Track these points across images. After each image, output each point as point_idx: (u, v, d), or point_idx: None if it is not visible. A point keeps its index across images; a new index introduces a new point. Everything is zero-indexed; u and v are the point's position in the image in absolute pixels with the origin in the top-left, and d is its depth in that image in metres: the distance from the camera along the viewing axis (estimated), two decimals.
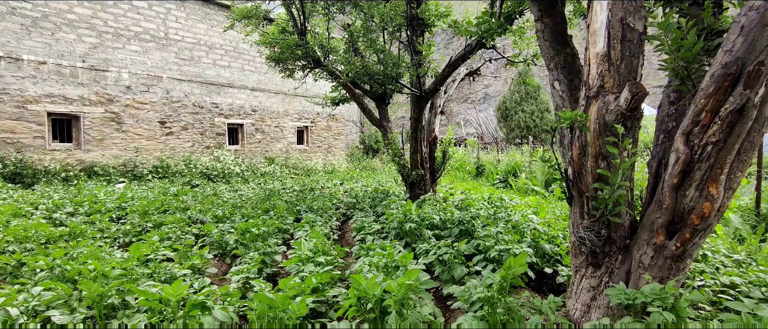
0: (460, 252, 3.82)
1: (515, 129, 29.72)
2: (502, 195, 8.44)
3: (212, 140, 16.55)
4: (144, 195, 8.93)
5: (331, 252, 4.07)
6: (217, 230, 5.25)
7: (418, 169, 8.29)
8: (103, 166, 13.15)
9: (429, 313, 2.25)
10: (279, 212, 6.54)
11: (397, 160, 8.38)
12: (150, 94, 14.70)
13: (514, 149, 19.49)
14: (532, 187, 11.63)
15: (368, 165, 22.14)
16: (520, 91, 30.33)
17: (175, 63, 15.43)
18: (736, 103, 2.34)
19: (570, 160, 3.28)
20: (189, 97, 15.79)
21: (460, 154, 18.92)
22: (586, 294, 3.31)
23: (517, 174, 13.46)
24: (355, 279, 2.24)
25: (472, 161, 17.12)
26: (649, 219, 2.90)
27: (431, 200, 6.83)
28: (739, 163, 2.58)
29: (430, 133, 8.56)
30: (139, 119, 14.42)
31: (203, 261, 4.05)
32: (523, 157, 14.79)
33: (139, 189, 10.45)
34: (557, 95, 3.61)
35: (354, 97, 9.09)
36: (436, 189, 8.84)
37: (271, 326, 2.33)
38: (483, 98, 45.17)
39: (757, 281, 3.34)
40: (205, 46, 16.41)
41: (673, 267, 2.80)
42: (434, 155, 8.60)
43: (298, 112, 20.21)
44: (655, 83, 30.45)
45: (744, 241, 5.35)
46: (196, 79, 16.06)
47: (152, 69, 14.80)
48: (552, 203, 8.77)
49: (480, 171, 16.01)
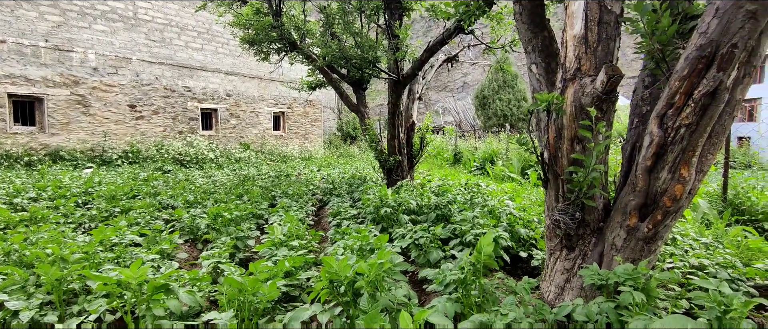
0: (436, 236, 3.80)
1: (493, 117, 30.01)
2: (479, 181, 8.49)
3: (185, 125, 16.12)
4: (112, 181, 8.62)
5: (306, 237, 4.00)
6: (188, 215, 5.09)
7: (396, 155, 8.25)
8: (70, 151, 12.66)
9: (403, 295, 2.21)
10: (253, 197, 6.40)
11: (374, 145, 8.31)
12: (118, 77, 14.16)
13: (492, 137, 19.67)
14: (509, 174, 11.76)
15: (346, 152, 22.02)
16: (498, 80, 30.58)
17: (145, 44, 14.87)
18: (710, 85, 2.35)
19: (546, 143, 3.27)
20: (160, 80, 15.28)
21: (438, 141, 18.97)
22: (560, 276, 3.34)
23: (494, 162, 13.58)
24: (326, 261, 2.17)
25: (450, 148, 17.19)
26: (622, 202, 2.93)
27: (408, 186, 6.80)
28: (711, 146, 2.62)
29: (408, 118, 8.51)
30: (107, 102, 13.89)
31: (173, 246, 3.91)
32: (500, 145, 14.92)
33: (107, 175, 10.09)
34: (534, 78, 3.59)
35: (331, 81, 8.94)
36: (413, 175, 8.82)
37: (241, 309, 2.26)
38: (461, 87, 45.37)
39: (724, 262, 3.44)
40: (177, 27, 15.87)
41: (644, 248, 2.84)
42: (412, 141, 8.57)
43: (274, 97, 19.84)
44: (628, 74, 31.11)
45: (711, 226, 5.51)
46: (168, 62, 15.54)
47: (121, 50, 14.23)
48: (528, 189, 8.87)
49: (458, 159, 16.10)
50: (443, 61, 8.85)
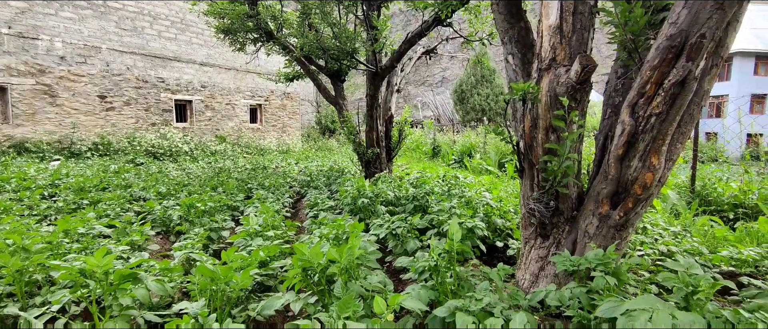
0: (413, 226, 3.80)
1: (471, 111, 30.27)
2: (457, 173, 8.54)
3: (158, 117, 15.71)
4: (81, 173, 8.34)
5: (282, 227, 3.94)
6: (160, 207, 4.96)
7: (374, 148, 8.22)
8: (36, 143, 12.19)
9: (378, 282, 2.20)
10: (229, 189, 6.29)
11: (352, 137, 8.27)
12: (87, 66, 13.67)
13: (470, 130, 19.83)
14: (486, 167, 11.88)
15: (324, 146, 21.88)
16: (476, 75, 30.85)
17: (116, 33, 14.39)
18: (679, 74, 2.40)
19: (522, 133, 3.30)
20: (131, 70, 14.82)
21: (417, 135, 19.03)
22: (534, 264, 3.39)
23: (472, 155, 13.70)
24: (298, 248, 2.14)
25: (429, 142, 17.26)
26: (595, 190, 2.98)
27: (386, 178, 6.79)
28: (680, 135, 2.68)
29: (387, 111, 8.48)
30: (75, 92, 13.40)
31: (144, 237, 3.80)
32: (478, 138, 15.06)
33: (76, 167, 9.75)
34: (511, 69, 3.62)
35: (308, 73, 8.84)
36: (391, 168, 8.82)
37: (213, 299, 2.21)
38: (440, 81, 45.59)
39: (691, 250, 3.54)
40: (149, 15, 15.41)
41: (616, 235, 2.90)
42: (390, 134, 8.55)
43: (250, 90, 19.52)
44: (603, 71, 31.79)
45: (680, 216, 5.69)
46: (140, 52, 15.08)
47: (89, 39, 13.73)
48: (505, 182, 8.98)
49: (436, 152, 16.19)
50: (422, 54, 8.85)
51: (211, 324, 1.89)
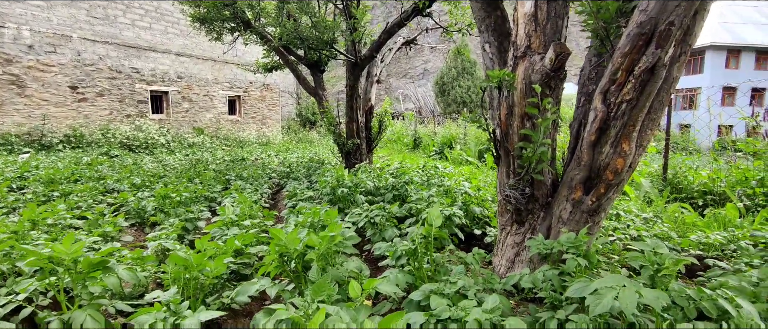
0: (392, 215, 3.81)
1: (452, 104, 30.41)
2: (437, 164, 8.59)
3: (133, 108, 15.32)
4: (52, 166, 8.09)
5: (259, 217, 3.90)
6: (134, 198, 4.85)
7: (354, 138, 8.19)
8: (4, 135, 11.77)
9: (355, 268, 2.20)
10: (206, 180, 6.19)
11: (332, 128, 8.22)
12: (57, 56, 13.22)
13: (450, 122, 19.94)
14: (467, 158, 11.98)
15: (305, 138, 21.72)
16: (457, 67, 30.98)
17: (87, 22, 13.93)
18: (649, 61, 2.46)
19: (498, 120, 3.34)
20: (104, 60, 14.39)
21: (398, 127, 19.05)
22: (510, 250, 3.44)
23: (453, 146, 13.79)
24: (274, 233, 2.12)
25: (410, 134, 17.30)
26: (568, 176, 3.04)
27: (366, 168, 6.79)
28: (650, 121, 2.75)
29: (367, 102, 8.46)
30: (45, 83, 12.96)
31: (117, 228, 3.72)
32: (459, 129, 15.15)
33: (46, 160, 9.46)
34: (488, 57, 3.64)
35: (287, 63, 8.73)
36: (372, 159, 8.82)
37: (186, 287, 2.17)
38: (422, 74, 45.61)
39: (661, 234, 3.65)
40: (122, 4, 14.96)
41: (589, 220, 2.96)
42: (370, 125, 8.53)
43: (229, 80, 19.19)
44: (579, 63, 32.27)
45: (652, 203, 5.84)
46: (113, 41, 14.64)
47: (59, 27, 13.26)
48: (484, 172, 9.07)
49: (417, 144, 16.24)
50: (402, 44, 8.83)
51: (183, 311, 1.86)
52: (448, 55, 30.63)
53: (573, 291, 1.78)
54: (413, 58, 45.27)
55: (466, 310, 1.72)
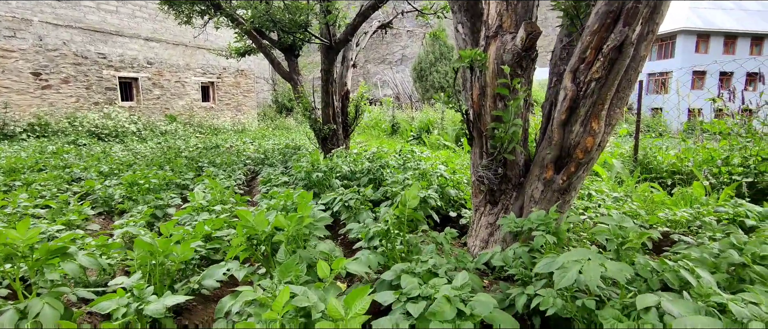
0: (366, 198, 3.79)
1: (430, 89, 30.41)
2: (414, 148, 8.59)
3: (101, 95, 14.80)
4: (15, 155, 7.77)
5: (232, 203, 3.83)
6: (101, 186, 4.69)
7: (331, 124, 8.11)
8: None
9: (327, 249, 2.18)
10: (177, 167, 6.03)
11: (308, 113, 8.12)
12: (18, 41, 12.62)
13: (428, 107, 19.96)
14: (444, 142, 12.03)
15: (282, 125, 21.43)
16: (435, 52, 30.92)
17: (48, 4, 13.29)
18: (617, 39, 2.47)
19: (471, 101, 3.33)
20: (69, 45, 13.80)
21: (376, 112, 18.97)
22: (484, 230, 3.47)
23: (430, 131, 13.82)
24: (242, 214, 2.07)
25: (388, 119, 17.25)
26: (540, 156, 3.07)
27: (343, 153, 6.74)
28: (618, 100, 2.78)
29: (343, 86, 8.36)
30: (5, 69, 12.38)
31: (82, 216, 3.59)
32: (436, 114, 15.18)
33: (9, 149, 9.07)
34: (460, 38, 3.62)
35: (260, 47, 8.54)
36: (349, 144, 8.76)
37: (153, 273, 2.11)
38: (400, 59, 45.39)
39: (630, 212, 3.73)
40: None
41: (559, 199, 3.00)
42: (347, 109, 8.45)
43: (201, 66, 18.68)
44: None
45: (623, 183, 5.98)
46: (77, 25, 14.03)
47: (18, 10, 12.63)
48: (461, 156, 9.12)
49: (395, 129, 16.22)
50: (378, 28, 8.73)
51: (148, 296, 1.81)
52: (426, 40, 30.52)
53: (541, 266, 1.79)
54: (391, 44, 44.99)
55: (436, 288, 1.72)
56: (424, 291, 1.72)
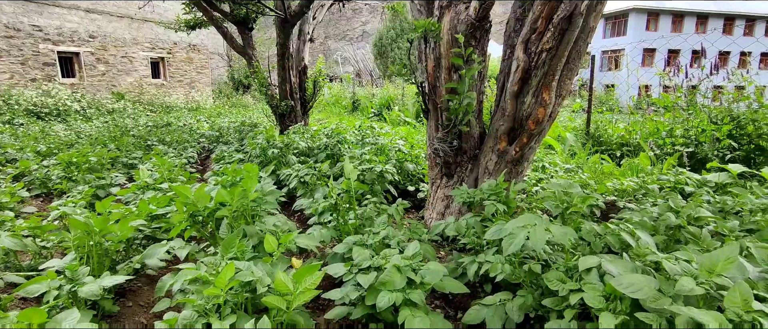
0: (322, 173, 3.73)
1: (391, 65, 30.21)
2: (374, 124, 8.54)
3: (39, 71, 13.76)
4: None
5: (180, 180, 3.66)
6: (37, 167, 4.38)
7: (288, 100, 7.90)
8: None
9: (277, 224, 2.11)
10: (123, 145, 5.71)
11: (264, 89, 7.87)
12: None
13: (389, 83, 19.85)
14: (405, 119, 12.03)
15: (239, 102, 20.76)
16: (396, 28, 30.64)
17: None
18: (567, 9, 2.49)
19: (426, 73, 3.30)
20: None
21: (337, 89, 18.69)
22: (440, 203, 3.50)
23: (391, 107, 13.78)
24: (179, 190, 1.97)
25: (348, 96, 17.05)
26: (494, 128, 3.09)
27: (301, 130, 6.59)
28: (568, 71, 2.82)
29: (300, 61, 8.13)
30: None
31: (16, 198, 3.34)
32: (397, 91, 15.12)
33: None
34: (415, 9, 3.55)
35: (211, 19, 8.14)
36: (308, 121, 8.58)
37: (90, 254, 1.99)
38: (361, 35, 44.72)
39: (580, 182, 3.85)
40: None
41: (513, 170, 3.05)
42: (305, 85, 8.25)
43: (150, 41, 17.68)
44: None
45: (576, 155, 6.18)
46: None
47: None
48: (421, 132, 9.14)
49: (356, 106, 16.06)
50: (334, 1, 8.50)
51: (83, 278, 1.69)
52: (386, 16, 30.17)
53: (490, 233, 1.81)
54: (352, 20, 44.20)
55: (387, 258, 1.70)
56: (375, 262, 1.70)
